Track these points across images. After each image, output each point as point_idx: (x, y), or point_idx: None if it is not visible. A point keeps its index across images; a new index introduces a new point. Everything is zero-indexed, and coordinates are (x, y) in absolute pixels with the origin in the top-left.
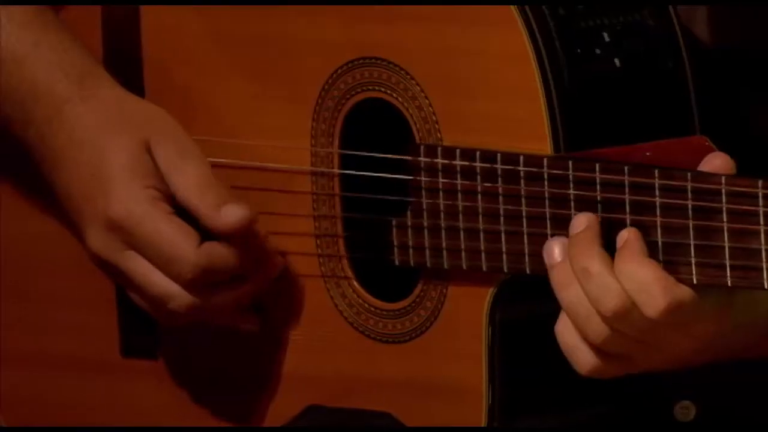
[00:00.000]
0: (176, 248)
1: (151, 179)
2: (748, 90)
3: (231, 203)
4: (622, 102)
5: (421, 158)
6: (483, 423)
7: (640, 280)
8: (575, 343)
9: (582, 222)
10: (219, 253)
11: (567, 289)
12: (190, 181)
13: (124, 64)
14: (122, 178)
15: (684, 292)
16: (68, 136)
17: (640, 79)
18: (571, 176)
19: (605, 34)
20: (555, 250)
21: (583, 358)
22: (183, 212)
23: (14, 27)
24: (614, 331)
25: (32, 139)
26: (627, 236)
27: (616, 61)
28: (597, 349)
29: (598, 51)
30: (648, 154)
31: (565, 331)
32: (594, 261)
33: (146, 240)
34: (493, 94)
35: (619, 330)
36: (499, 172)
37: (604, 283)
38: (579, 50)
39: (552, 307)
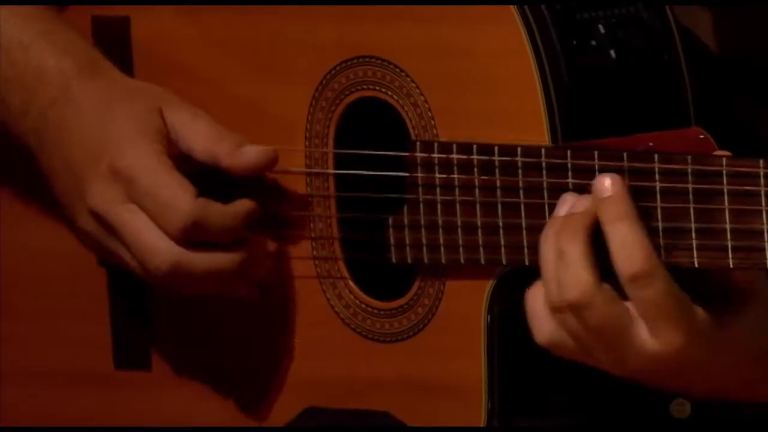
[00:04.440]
0: (173, 196)
1: (159, 137)
2: (747, 91)
3: (250, 144)
4: (618, 93)
5: (418, 154)
6: (482, 419)
7: None
8: (538, 309)
9: (582, 204)
10: (215, 208)
11: (548, 249)
12: (207, 132)
13: None
14: (130, 134)
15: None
16: (76, 107)
17: (636, 71)
18: (569, 165)
19: (600, 26)
20: (563, 206)
21: (541, 327)
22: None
23: (18, 18)
24: (572, 314)
25: (31, 123)
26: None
27: (612, 52)
28: (556, 321)
29: (593, 43)
30: (648, 144)
31: (532, 295)
32: (573, 247)
33: (146, 189)
34: (489, 88)
35: (576, 315)
36: (497, 164)
37: (572, 271)
38: (575, 42)
39: None
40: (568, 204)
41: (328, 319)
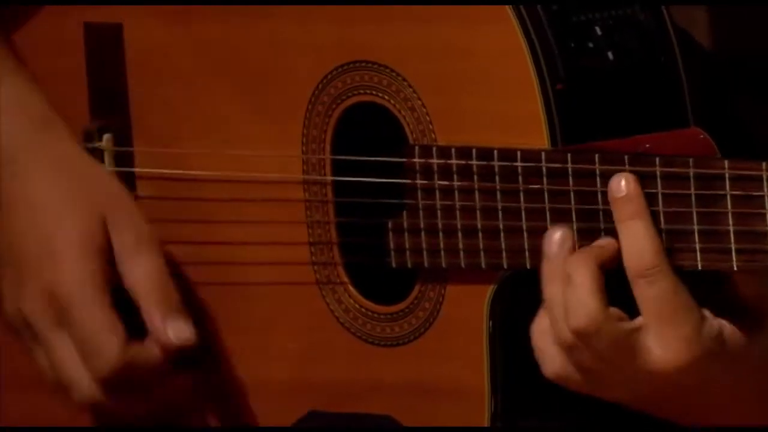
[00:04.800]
0: (101, 342)
1: (101, 260)
2: (746, 91)
3: (178, 318)
4: (616, 95)
5: (416, 159)
6: (486, 424)
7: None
8: (544, 346)
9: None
10: (141, 356)
11: (552, 284)
12: (143, 275)
13: (109, 81)
14: (72, 254)
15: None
16: (23, 190)
17: (634, 72)
18: (570, 169)
19: (597, 28)
20: (554, 240)
21: (549, 362)
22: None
23: None
24: (580, 342)
25: None
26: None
27: (609, 54)
28: (564, 355)
29: (591, 45)
30: (646, 146)
31: (537, 329)
32: (581, 271)
33: (78, 326)
34: (487, 90)
35: (584, 344)
36: (497, 169)
37: (580, 298)
38: (572, 44)
39: None
40: (558, 235)
41: (327, 323)
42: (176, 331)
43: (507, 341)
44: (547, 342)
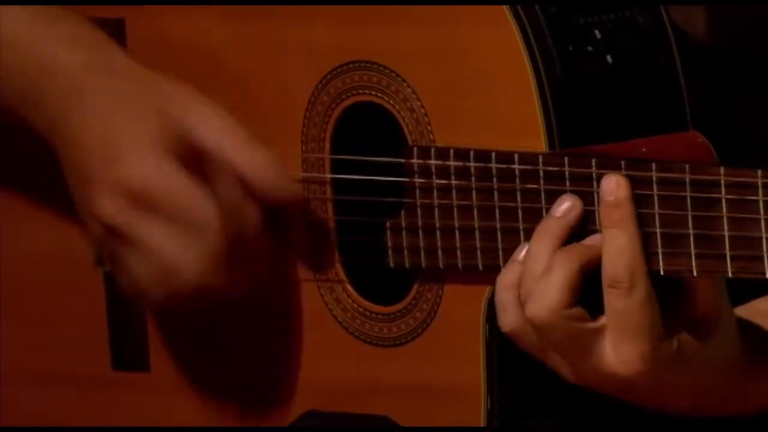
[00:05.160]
0: (199, 214)
1: (170, 150)
2: (746, 90)
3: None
4: (615, 98)
5: (414, 160)
6: (482, 424)
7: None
8: (506, 301)
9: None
10: (241, 219)
11: (539, 242)
12: (220, 126)
13: None
14: (139, 147)
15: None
16: (85, 103)
17: (632, 76)
18: (567, 173)
19: (596, 31)
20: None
21: (506, 318)
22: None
23: (24, 12)
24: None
25: (46, 116)
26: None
27: (608, 57)
28: (523, 318)
29: (590, 48)
30: (644, 150)
31: (504, 281)
32: (559, 266)
33: (167, 206)
34: (486, 92)
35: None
36: (494, 171)
37: (548, 289)
38: (571, 47)
39: None
40: (566, 206)
41: (325, 322)
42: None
43: (504, 342)
44: (510, 298)
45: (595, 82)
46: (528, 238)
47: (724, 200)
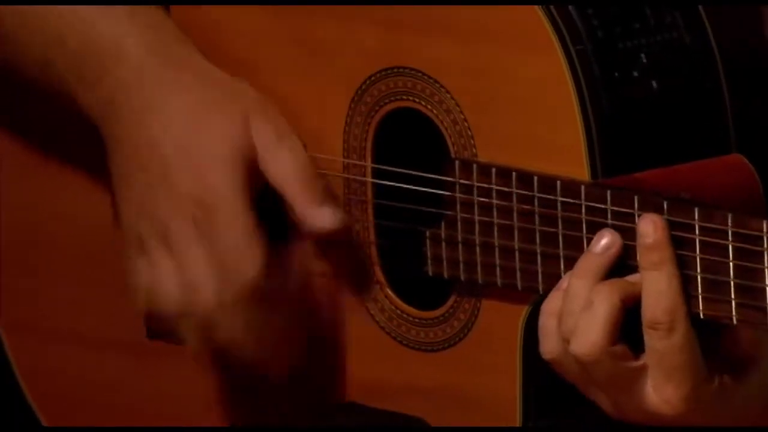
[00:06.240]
0: (242, 257)
1: (246, 165)
2: None
3: (329, 204)
4: (659, 124)
5: (457, 179)
6: None
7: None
8: (549, 330)
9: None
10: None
11: (581, 278)
12: (289, 168)
13: None
14: (220, 161)
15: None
16: (163, 99)
17: (677, 99)
18: (609, 210)
19: (643, 56)
20: (599, 240)
21: (548, 345)
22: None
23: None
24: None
25: (101, 95)
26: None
27: (654, 83)
28: (564, 346)
29: (635, 74)
30: (686, 194)
31: (547, 309)
32: (602, 302)
33: (223, 233)
34: (529, 116)
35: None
36: (536, 196)
37: (591, 326)
38: (617, 73)
39: None
40: (605, 242)
41: (363, 320)
42: (325, 215)
43: (541, 361)
44: (553, 325)
45: (640, 109)
46: (568, 264)
47: (766, 254)
